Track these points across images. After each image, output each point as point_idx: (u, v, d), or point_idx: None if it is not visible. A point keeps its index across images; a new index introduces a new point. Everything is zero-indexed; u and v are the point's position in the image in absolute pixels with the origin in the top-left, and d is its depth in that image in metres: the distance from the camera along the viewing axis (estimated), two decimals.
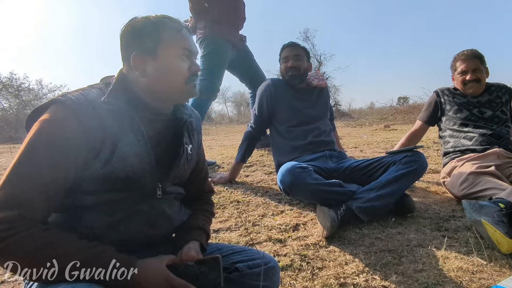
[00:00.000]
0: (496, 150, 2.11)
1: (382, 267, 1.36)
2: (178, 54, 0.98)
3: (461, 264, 1.35)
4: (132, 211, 0.93)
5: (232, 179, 2.49)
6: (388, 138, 4.85)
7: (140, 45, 0.95)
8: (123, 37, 0.97)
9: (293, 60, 2.31)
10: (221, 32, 3.26)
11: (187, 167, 1.09)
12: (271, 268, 1.02)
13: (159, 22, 0.97)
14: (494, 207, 1.48)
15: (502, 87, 2.39)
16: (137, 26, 0.96)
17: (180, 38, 0.99)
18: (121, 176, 0.88)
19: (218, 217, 1.91)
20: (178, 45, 0.98)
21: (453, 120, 2.34)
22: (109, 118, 0.88)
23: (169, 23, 0.98)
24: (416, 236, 1.61)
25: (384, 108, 13.70)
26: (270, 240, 1.62)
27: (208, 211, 1.19)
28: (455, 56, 2.40)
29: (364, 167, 2.03)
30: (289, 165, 1.86)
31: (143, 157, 0.93)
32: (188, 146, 1.08)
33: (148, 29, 0.95)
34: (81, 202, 0.86)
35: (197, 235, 1.05)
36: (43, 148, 0.79)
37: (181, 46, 0.98)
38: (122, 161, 0.88)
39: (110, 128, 0.87)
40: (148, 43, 0.95)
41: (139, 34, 0.95)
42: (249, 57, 3.55)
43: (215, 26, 3.27)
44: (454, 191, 2.07)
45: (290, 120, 2.31)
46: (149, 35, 0.95)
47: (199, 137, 1.19)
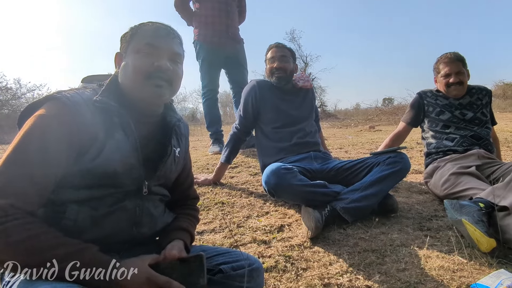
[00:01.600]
0: (476, 151, 2.16)
1: (366, 267, 1.37)
2: (139, 49, 0.98)
3: (442, 263, 1.37)
4: (117, 207, 0.93)
5: (217, 180, 2.47)
6: (372, 139, 4.90)
7: (121, 46, 1.04)
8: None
9: (279, 61, 2.30)
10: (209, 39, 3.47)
11: (174, 168, 1.10)
12: (255, 269, 1.02)
13: (140, 25, 1.03)
14: (474, 207, 1.51)
15: (483, 89, 2.44)
16: (127, 31, 1.03)
17: (148, 35, 1.00)
18: (108, 171, 0.90)
19: (203, 219, 1.89)
20: (142, 41, 0.99)
21: (436, 121, 2.38)
22: (101, 115, 0.91)
23: (146, 25, 1.02)
24: (399, 236, 1.63)
25: (370, 109, 13.89)
26: (255, 241, 1.62)
27: (193, 215, 1.20)
28: (438, 59, 2.44)
29: (349, 168, 2.05)
30: (274, 166, 1.86)
31: (131, 152, 0.95)
32: (176, 148, 1.10)
33: (129, 32, 1.03)
34: (66, 196, 0.87)
35: (181, 235, 1.05)
36: (37, 142, 0.80)
37: (144, 42, 0.99)
38: (110, 156, 0.90)
39: (101, 125, 0.90)
40: (124, 43, 1.03)
41: (123, 36, 1.04)
42: (238, 61, 3.61)
43: (207, 32, 3.48)
44: (436, 191, 2.10)
45: (275, 121, 2.31)
46: (127, 36, 1.02)
47: (187, 143, 1.21)
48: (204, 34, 3.47)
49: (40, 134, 0.81)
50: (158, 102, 1.04)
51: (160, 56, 0.99)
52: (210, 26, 3.46)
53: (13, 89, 12.64)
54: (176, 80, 1.03)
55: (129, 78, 0.98)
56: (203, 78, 3.59)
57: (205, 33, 3.47)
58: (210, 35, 3.46)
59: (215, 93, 3.68)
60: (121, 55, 1.03)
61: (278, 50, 2.34)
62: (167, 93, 1.01)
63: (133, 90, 0.98)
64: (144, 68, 0.97)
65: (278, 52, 2.33)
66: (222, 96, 41.46)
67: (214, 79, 3.62)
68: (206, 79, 3.58)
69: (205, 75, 3.57)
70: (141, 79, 0.97)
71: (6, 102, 12.24)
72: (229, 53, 3.55)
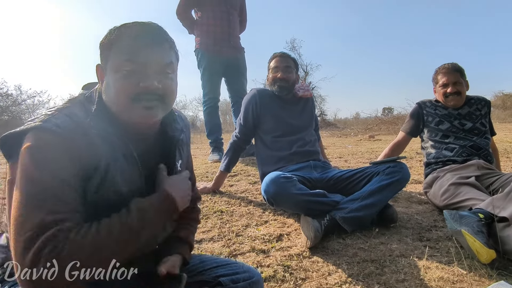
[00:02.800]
0: (476, 161, 2.16)
1: (365, 278, 1.36)
2: (118, 67, 0.84)
3: (442, 274, 1.36)
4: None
5: (216, 188, 2.47)
6: (372, 149, 4.91)
7: (101, 56, 0.89)
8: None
9: (283, 72, 2.31)
10: (211, 48, 3.52)
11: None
12: (255, 282, 1.01)
13: (118, 31, 0.87)
14: (474, 218, 1.51)
15: (482, 100, 2.46)
16: (105, 36, 0.88)
17: (127, 49, 0.84)
18: (112, 199, 0.84)
19: (201, 227, 1.88)
20: (120, 55, 0.84)
21: (435, 131, 2.38)
22: (99, 142, 0.82)
23: (125, 31, 0.86)
24: (398, 246, 1.62)
25: (369, 118, 13.87)
26: (253, 250, 1.61)
27: (193, 218, 1.18)
28: (436, 70, 2.46)
29: (348, 177, 2.04)
30: (273, 175, 1.86)
31: (135, 180, 0.90)
32: (178, 162, 1.04)
33: (107, 39, 0.87)
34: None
35: (180, 248, 1.02)
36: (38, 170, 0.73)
37: (122, 59, 0.84)
38: (113, 185, 0.84)
39: (101, 150, 0.82)
40: (104, 53, 0.87)
41: (101, 44, 0.88)
42: (238, 69, 3.65)
43: (209, 41, 3.53)
44: (436, 202, 2.10)
45: (275, 130, 2.31)
46: (107, 45, 0.87)
47: (188, 150, 1.16)
48: (206, 42, 3.51)
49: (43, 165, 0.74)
50: (151, 122, 0.92)
51: (146, 74, 0.84)
52: (212, 35, 3.49)
53: (14, 96, 12.65)
54: (170, 94, 0.90)
55: (113, 101, 0.85)
56: (204, 86, 3.62)
57: (207, 42, 3.51)
58: (212, 43, 3.50)
59: (216, 101, 3.70)
60: (102, 68, 0.89)
61: (282, 60, 2.35)
62: (160, 112, 0.89)
63: (121, 113, 0.87)
64: (128, 91, 0.83)
65: (283, 63, 2.34)
66: (222, 104, 41.48)
67: (215, 87, 3.64)
68: (207, 87, 3.61)
69: (206, 83, 3.60)
70: (126, 103, 0.84)
71: (6, 108, 12.24)
72: (230, 61, 3.59)
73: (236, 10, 3.63)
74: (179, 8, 3.53)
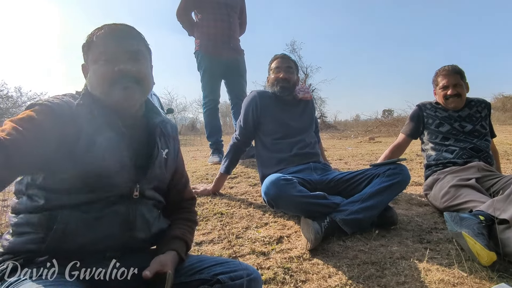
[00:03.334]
0: (476, 163, 2.16)
1: (365, 280, 1.36)
2: (95, 59, 1.00)
3: (442, 276, 1.36)
4: (109, 211, 0.95)
5: (216, 190, 2.46)
6: (372, 151, 4.90)
7: (84, 57, 1.06)
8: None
9: (285, 72, 2.32)
10: (211, 50, 3.52)
11: (165, 170, 1.11)
12: (254, 279, 1.01)
13: (94, 32, 1.02)
14: (474, 220, 1.51)
15: (482, 102, 2.46)
16: (85, 40, 1.04)
17: (101, 43, 1.00)
18: (99, 171, 0.91)
19: (201, 229, 1.88)
20: (96, 50, 1.00)
21: (435, 133, 2.38)
22: (85, 115, 0.94)
23: (98, 32, 1.01)
24: (399, 249, 1.61)
25: (369, 120, 13.88)
26: (254, 252, 1.61)
27: (190, 219, 1.19)
28: (436, 72, 2.47)
29: (349, 179, 2.04)
30: (273, 177, 1.86)
31: (122, 151, 0.97)
32: (163, 150, 1.11)
33: (86, 40, 1.03)
34: (58, 201, 0.89)
35: (175, 244, 1.05)
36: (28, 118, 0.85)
37: (98, 51, 0.99)
38: (102, 152, 0.92)
39: (87, 123, 0.93)
40: (84, 53, 1.04)
41: (82, 47, 1.04)
42: (238, 71, 3.65)
43: (209, 43, 3.53)
44: (436, 204, 2.10)
45: (276, 132, 2.31)
46: (86, 46, 1.03)
47: (176, 144, 1.21)
48: (206, 45, 3.51)
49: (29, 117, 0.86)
50: (132, 103, 1.04)
51: (118, 60, 0.99)
52: (212, 37, 3.49)
53: (14, 98, 12.67)
54: (144, 77, 1.03)
55: (95, 88, 1.00)
56: (204, 89, 3.62)
57: (207, 44, 3.51)
58: (212, 45, 3.50)
59: (216, 103, 3.70)
60: (86, 66, 1.05)
61: (284, 61, 2.36)
62: (138, 93, 1.02)
63: (104, 97, 1.00)
64: (107, 75, 0.98)
65: (284, 63, 2.35)
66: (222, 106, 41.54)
67: (215, 89, 3.65)
68: (207, 89, 3.61)
69: (206, 85, 3.60)
70: (107, 87, 0.98)
71: (6, 110, 12.26)
72: (230, 63, 3.59)
73: (236, 13, 3.63)
74: (179, 10, 3.53)
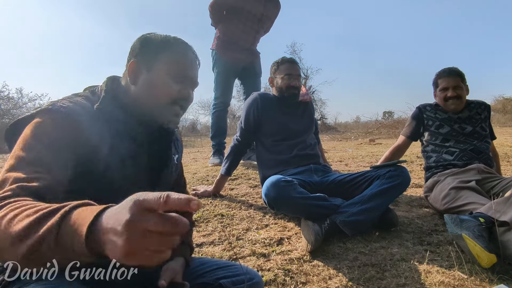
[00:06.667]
0: (476, 165, 2.16)
1: (366, 282, 1.36)
2: (172, 74, 0.96)
3: (442, 278, 1.36)
4: None
5: (217, 192, 2.47)
6: (373, 152, 4.91)
7: (141, 54, 0.97)
8: (133, 43, 1.00)
9: (296, 80, 2.34)
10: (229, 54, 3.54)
11: (174, 174, 1.12)
12: (256, 284, 1.01)
13: (168, 41, 0.98)
14: (474, 222, 1.51)
15: (482, 104, 2.46)
16: (147, 37, 0.99)
17: (181, 63, 0.98)
18: (116, 180, 0.87)
19: (202, 231, 1.88)
20: (176, 67, 0.97)
21: (435, 135, 2.39)
22: (102, 123, 0.88)
23: (176, 45, 0.99)
24: (399, 250, 1.62)
25: (370, 122, 13.90)
26: (254, 254, 1.61)
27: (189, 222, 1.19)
28: (437, 74, 2.47)
29: (349, 181, 2.05)
30: (274, 178, 1.86)
31: (139, 161, 0.95)
32: (174, 156, 1.11)
33: (154, 43, 0.98)
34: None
35: (182, 251, 1.04)
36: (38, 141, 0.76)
37: (178, 68, 0.97)
38: (119, 166, 0.89)
39: (104, 132, 0.87)
40: (149, 55, 0.96)
41: (145, 44, 0.98)
42: (254, 71, 3.73)
43: (229, 47, 3.54)
44: (436, 206, 2.10)
45: (276, 134, 2.32)
46: (153, 48, 0.97)
47: (180, 147, 1.23)
48: (226, 48, 3.53)
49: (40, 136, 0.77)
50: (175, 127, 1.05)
51: (187, 85, 1.00)
52: (233, 45, 3.52)
53: (15, 99, 12.67)
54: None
55: (151, 97, 0.96)
56: (217, 90, 3.65)
57: (227, 47, 3.53)
58: (231, 50, 3.53)
59: (226, 105, 3.73)
60: (139, 66, 0.96)
61: (294, 67, 2.36)
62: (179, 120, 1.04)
63: (151, 109, 0.97)
64: (173, 94, 0.97)
65: (296, 71, 2.36)
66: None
67: (226, 92, 3.68)
68: (219, 91, 3.64)
69: (218, 86, 3.64)
70: (165, 103, 0.96)
71: (7, 111, 12.26)
72: (246, 66, 3.65)
73: (263, 29, 3.68)
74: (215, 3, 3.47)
